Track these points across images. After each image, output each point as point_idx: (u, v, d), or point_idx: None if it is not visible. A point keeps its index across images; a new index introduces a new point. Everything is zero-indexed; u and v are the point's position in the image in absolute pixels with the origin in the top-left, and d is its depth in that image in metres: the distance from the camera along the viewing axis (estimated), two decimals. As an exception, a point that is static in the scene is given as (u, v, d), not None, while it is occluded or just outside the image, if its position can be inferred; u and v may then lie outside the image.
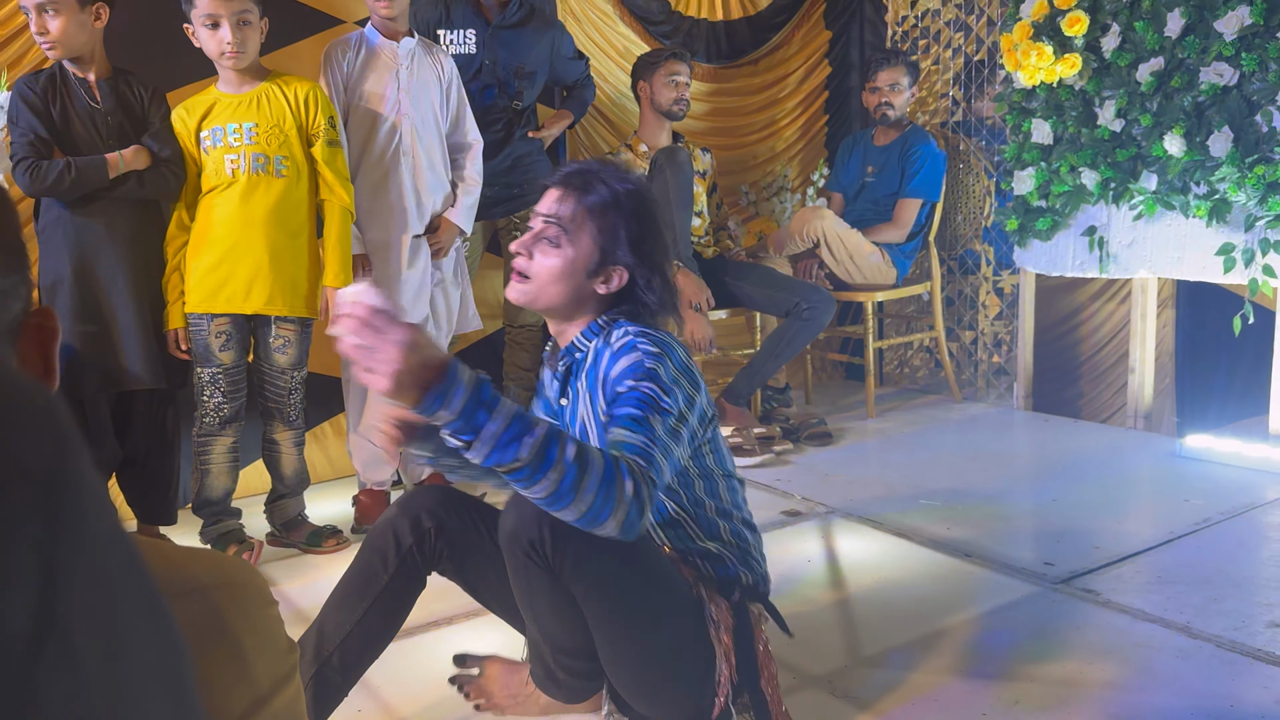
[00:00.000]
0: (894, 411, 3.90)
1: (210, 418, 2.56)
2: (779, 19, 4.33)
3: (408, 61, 2.74)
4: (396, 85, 2.72)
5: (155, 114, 2.55)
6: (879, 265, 3.76)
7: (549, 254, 1.51)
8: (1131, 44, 3.11)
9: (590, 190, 1.51)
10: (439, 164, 2.81)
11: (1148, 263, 3.23)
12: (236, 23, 2.44)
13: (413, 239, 2.77)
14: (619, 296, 1.55)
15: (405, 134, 2.72)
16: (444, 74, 2.82)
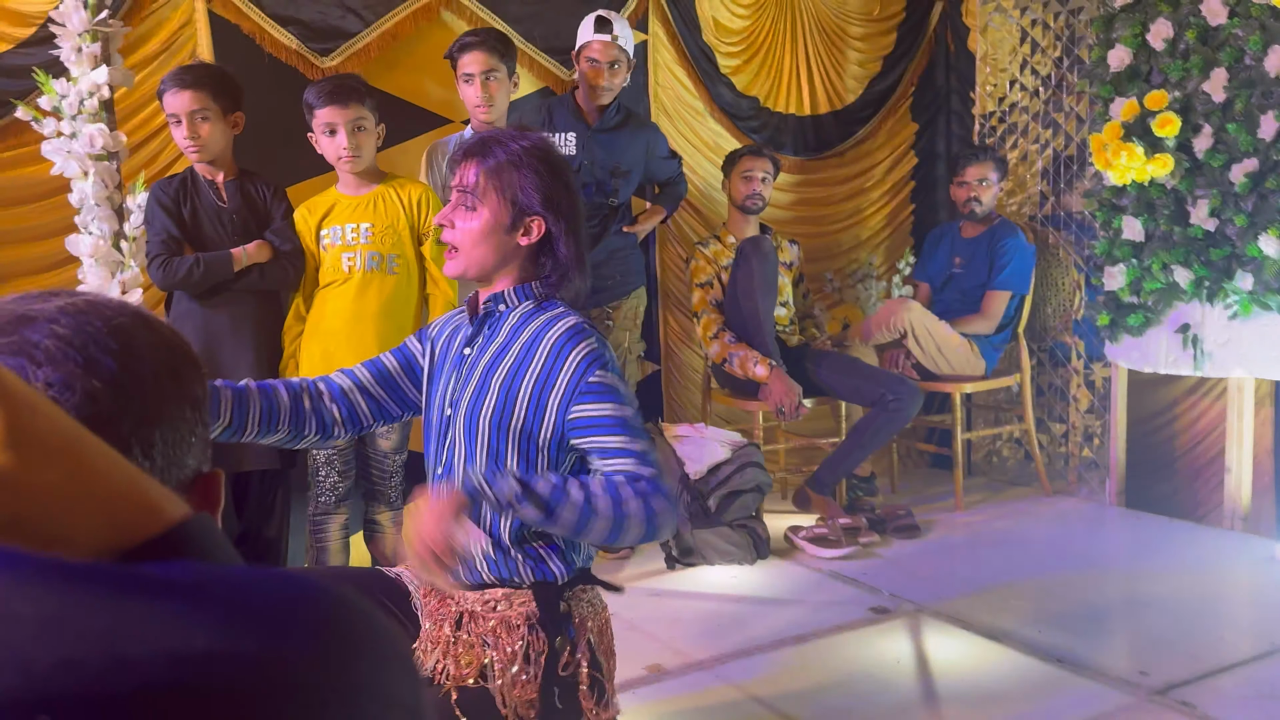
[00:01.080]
0: (982, 504, 3.87)
1: (326, 496, 2.70)
2: (865, 113, 4.44)
3: None
4: None
5: (277, 210, 2.75)
6: (967, 356, 3.78)
7: (468, 219, 1.59)
8: (1225, 145, 3.12)
9: (489, 154, 1.59)
10: None
11: (1244, 362, 3.18)
12: (352, 129, 2.63)
13: None
14: (541, 249, 1.62)
15: None
16: None
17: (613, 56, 3.17)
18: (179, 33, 3.04)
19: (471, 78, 2.87)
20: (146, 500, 0.41)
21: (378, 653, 0.36)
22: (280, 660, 0.33)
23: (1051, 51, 4.00)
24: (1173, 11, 3.23)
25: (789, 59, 4.24)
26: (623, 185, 3.30)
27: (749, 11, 4.11)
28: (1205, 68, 3.14)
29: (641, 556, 3.37)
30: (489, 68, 2.85)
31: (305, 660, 0.33)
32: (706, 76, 4.02)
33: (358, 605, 0.37)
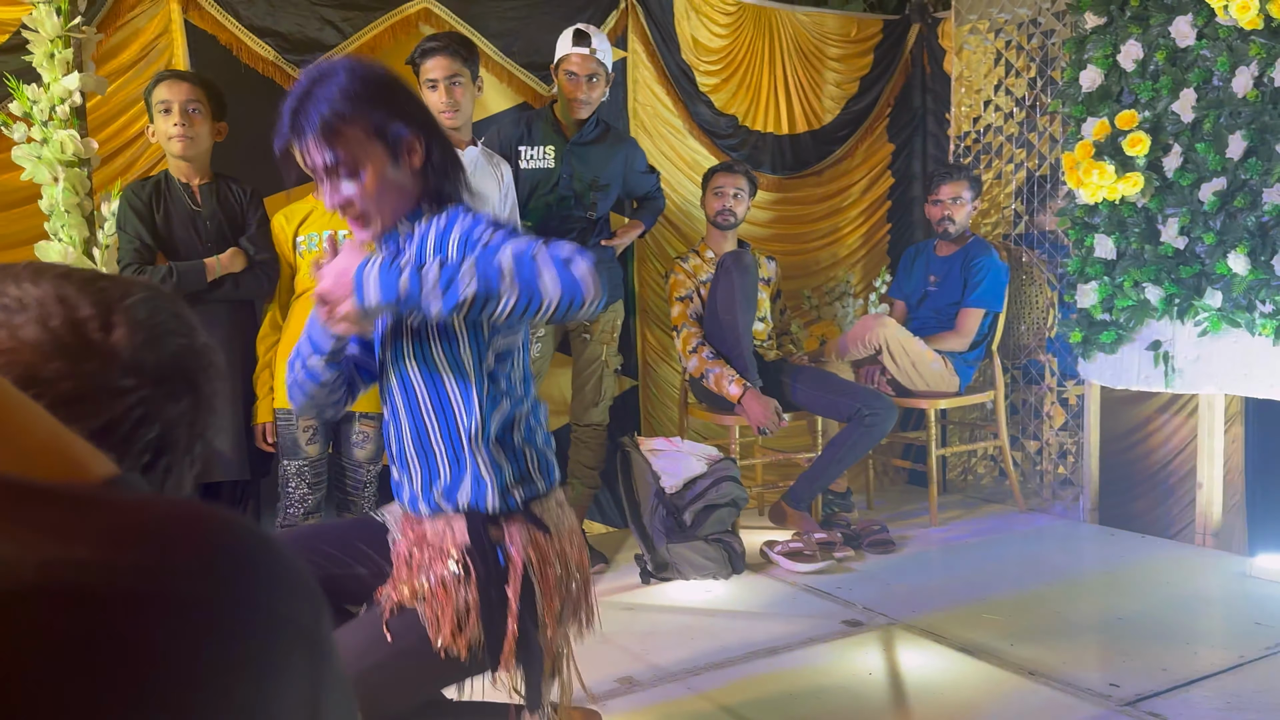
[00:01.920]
0: (957, 520, 3.88)
1: (295, 508, 2.68)
2: (843, 133, 4.48)
3: (470, 169, 2.90)
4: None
5: (252, 217, 2.74)
6: (941, 373, 3.80)
7: (358, 185, 1.53)
8: (1193, 164, 3.17)
9: (310, 119, 1.50)
10: None
11: (1214, 379, 3.22)
12: None
13: None
14: (428, 171, 1.60)
15: None
16: (502, 182, 3.00)
17: (591, 70, 3.19)
18: (155, 42, 3.03)
19: (435, 83, 2.86)
20: (70, 456, 0.41)
21: (267, 572, 0.36)
22: (158, 571, 0.33)
23: (1025, 73, 4.06)
24: (1142, 33, 3.28)
25: (767, 78, 4.28)
26: (601, 199, 3.31)
27: (727, 31, 4.14)
28: (1174, 88, 3.19)
29: (616, 571, 3.36)
30: (452, 72, 2.85)
31: (185, 572, 0.33)
32: (685, 94, 4.05)
33: (250, 528, 0.37)
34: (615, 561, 3.45)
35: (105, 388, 0.64)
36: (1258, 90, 2.98)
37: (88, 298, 0.65)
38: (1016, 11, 4.02)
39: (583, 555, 1.68)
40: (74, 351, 0.63)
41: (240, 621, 0.34)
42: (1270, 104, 2.97)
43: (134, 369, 0.64)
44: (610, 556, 3.48)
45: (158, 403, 0.65)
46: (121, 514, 0.34)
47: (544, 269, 1.40)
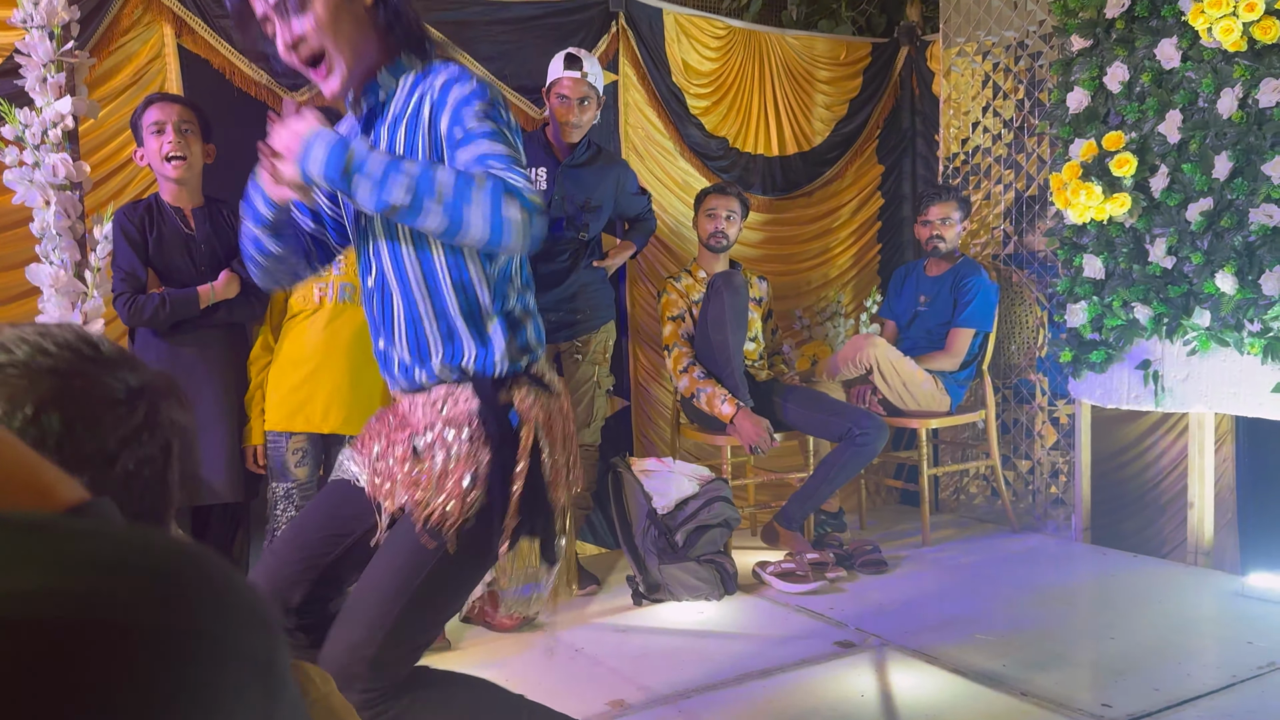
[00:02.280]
0: (950, 540, 3.87)
1: (283, 531, 2.67)
2: (833, 154, 4.51)
3: None
4: None
5: None
6: (932, 392, 3.81)
7: (306, 15, 1.49)
8: (1180, 185, 3.19)
9: None
10: None
11: (1204, 398, 3.23)
12: None
13: None
14: (388, 17, 1.55)
15: None
16: None
17: (582, 93, 3.21)
18: (148, 66, 3.05)
19: None
20: (38, 482, 0.41)
21: (222, 604, 0.36)
22: (109, 600, 0.33)
23: (1013, 95, 4.09)
24: (1128, 56, 3.32)
25: (757, 101, 4.31)
26: (593, 220, 3.33)
27: (718, 54, 4.18)
28: (1160, 110, 3.22)
29: (608, 592, 3.35)
30: None
31: (136, 602, 0.33)
32: (676, 117, 4.08)
33: (205, 558, 0.37)
34: (607, 583, 3.44)
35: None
36: (1242, 111, 3.01)
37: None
38: (1003, 35, 4.06)
39: (571, 410, 1.69)
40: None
41: (192, 653, 0.34)
42: (1255, 125, 3.00)
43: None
44: (602, 578, 3.47)
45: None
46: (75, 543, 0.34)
47: (477, 204, 1.38)
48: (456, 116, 1.49)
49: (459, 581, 1.59)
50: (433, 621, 1.62)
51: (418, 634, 1.57)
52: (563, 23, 3.73)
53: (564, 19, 3.74)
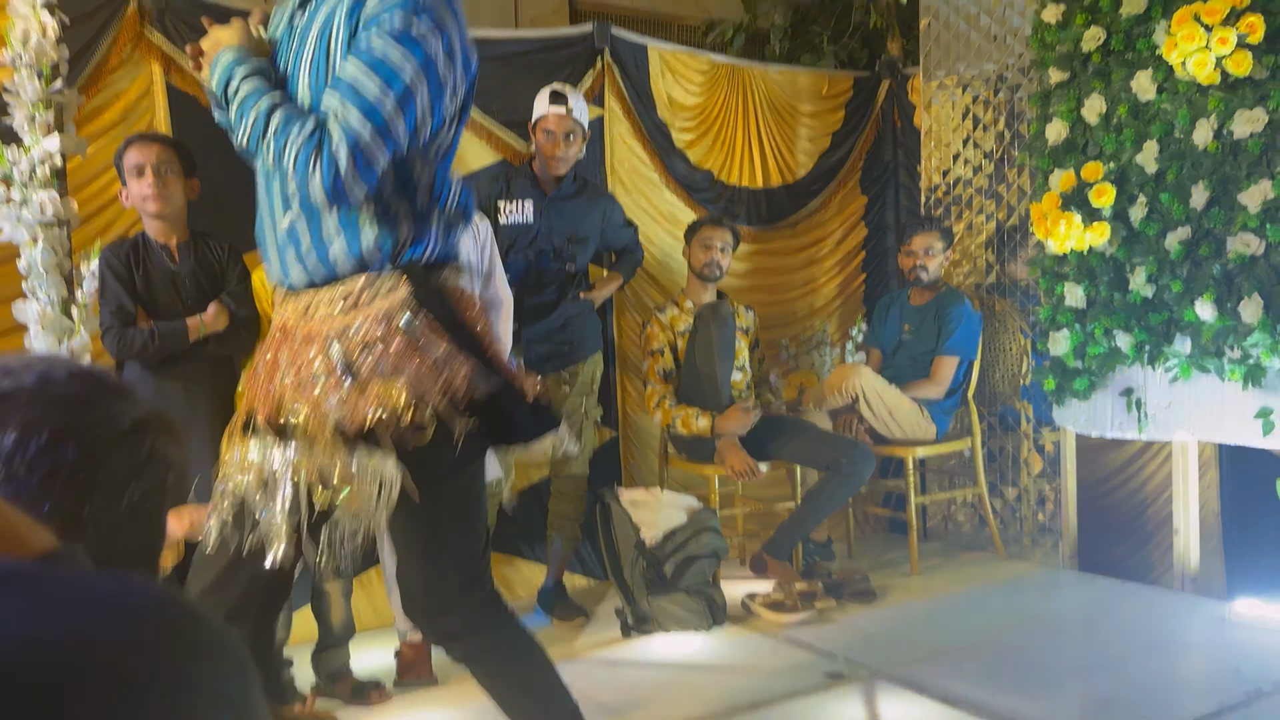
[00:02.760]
0: (938, 568, 3.88)
1: (271, 566, 2.65)
2: (816, 186, 4.56)
3: None
4: None
5: (233, 273, 2.75)
6: (918, 421, 3.83)
7: None
8: (1158, 214, 3.23)
9: None
10: None
11: (1186, 425, 3.26)
12: None
13: None
14: None
15: None
16: (479, 235, 3.03)
17: (567, 128, 3.25)
18: (137, 104, 3.07)
19: None
20: (9, 529, 0.42)
21: (201, 647, 0.37)
22: (90, 646, 0.34)
23: (993, 127, 4.15)
24: (1105, 88, 3.37)
25: (741, 134, 4.36)
26: (579, 252, 3.35)
27: (702, 89, 4.23)
28: (1137, 141, 3.27)
29: (596, 625, 3.34)
30: None
31: (117, 647, 0.34)
32: (662, 150, 4.12)
33: (178, 602, 0.38)
34: (595, 614, 3.43)
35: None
36: (1217, 142, 3.06)
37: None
38: (983, 68, 4.13)
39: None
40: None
41: (168, 694, 0.35)
42: (1230, 155, 3.05)
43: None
44: (591, 609, 3.46)
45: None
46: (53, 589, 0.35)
47: (290, 152, 1.47)
48: (367, 23, 1.51)
49: (469, 478, 1.62)
50: (477, 522, 1.68)
51: (474, 542, 1.66)
52: (549, 59, 3.78)
53: (551, 55, 3.78)
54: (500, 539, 3.51)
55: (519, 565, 3.70)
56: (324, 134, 1.46)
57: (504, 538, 3.57)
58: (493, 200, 3.30)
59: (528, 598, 3.60)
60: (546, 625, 3.36)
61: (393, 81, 1.47)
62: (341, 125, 1.46)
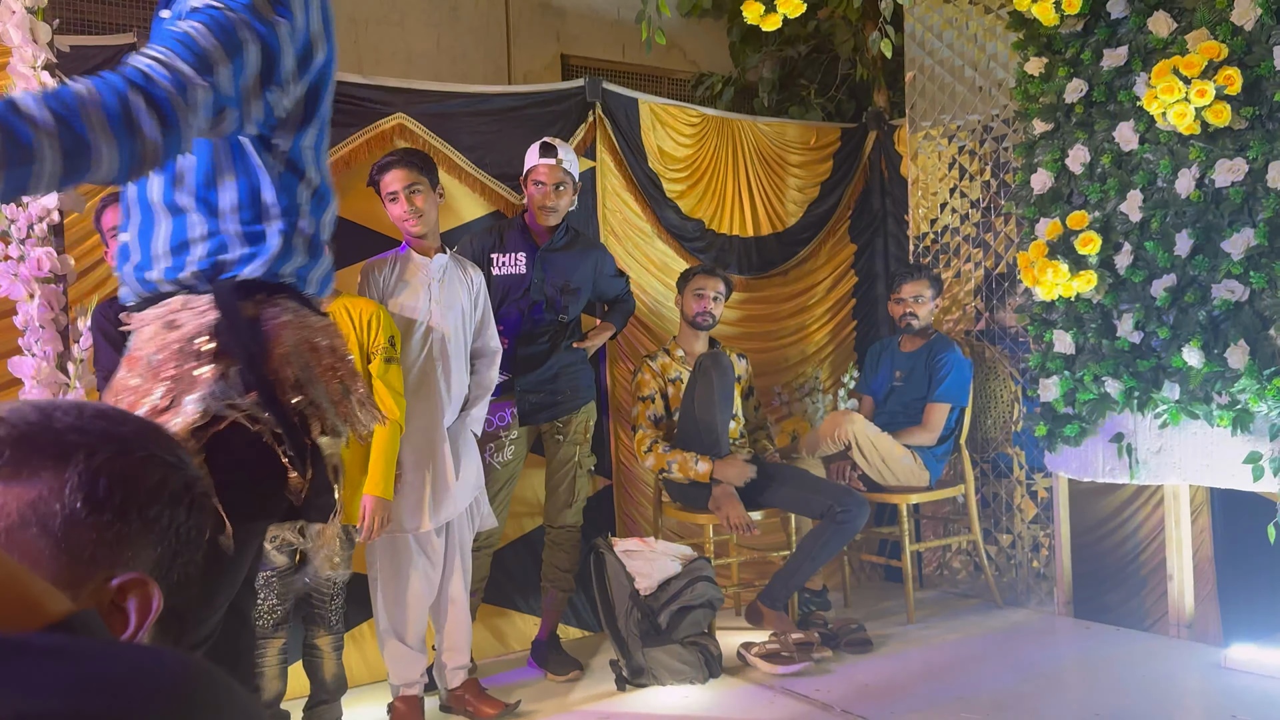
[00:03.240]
0: (934, 616, 3.86)
1: (263, 620, 2.63)
2: (806, 234, 4.61)
3: (439, 275, 2.97)
4: (429, 298, 2.94)
5: None
6: (911, 468, 3.84)
7: None
8: (1144, 262, 3.28)
9: None
10: (466, 370, 3.03)
11: (1177, 470, 3.27)
12: None
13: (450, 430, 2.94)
14: None
15: (436, 343, 2.93)
16: (472, 286, 3.06)
17: (558, 179, 3.29)
18: (134, 159, 3.09)
19: (396, 195, 2.93)
20: (27, 596, 0.43)
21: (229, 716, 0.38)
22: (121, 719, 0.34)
23: (980, 176, 4.21)
24: (1088, 138, 3.44)
25: (731, 184, 4.42)
26: (572, 302, 3.38)
27: (692, 141, 4.29)
28: (1121, 190, 3.33)
29: (591, 678, 3.31)
30: (410, 181, 2.92)
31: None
32: (653, 201, 4.17)
33: (210, 674, 0.39)
34: (590, 667, 3.40)
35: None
36: (1200, 191, 3.12)
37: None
38: (967, 119, 4.20)
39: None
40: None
41: None
42: (1212, 204, 3.10)
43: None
44: (585, 662, 3.43)
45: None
46: (88, 664, 0.36)
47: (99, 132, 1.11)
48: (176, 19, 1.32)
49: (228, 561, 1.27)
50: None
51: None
52: (541, 113, 3.84)
53: (543, 109, 3.84)
54: (494, 591, 3.50)
55: (512, 617, 3.68)
56: (131, 91, 1.18)
57: (497, 590, 3.55)
58: (486, 252, 3.33)
59: (522, 650, 3.57)
60: (540, 679, 3.33)
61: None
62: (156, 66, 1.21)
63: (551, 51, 4.70)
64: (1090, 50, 3.40)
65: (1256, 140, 2.96)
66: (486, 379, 3.07)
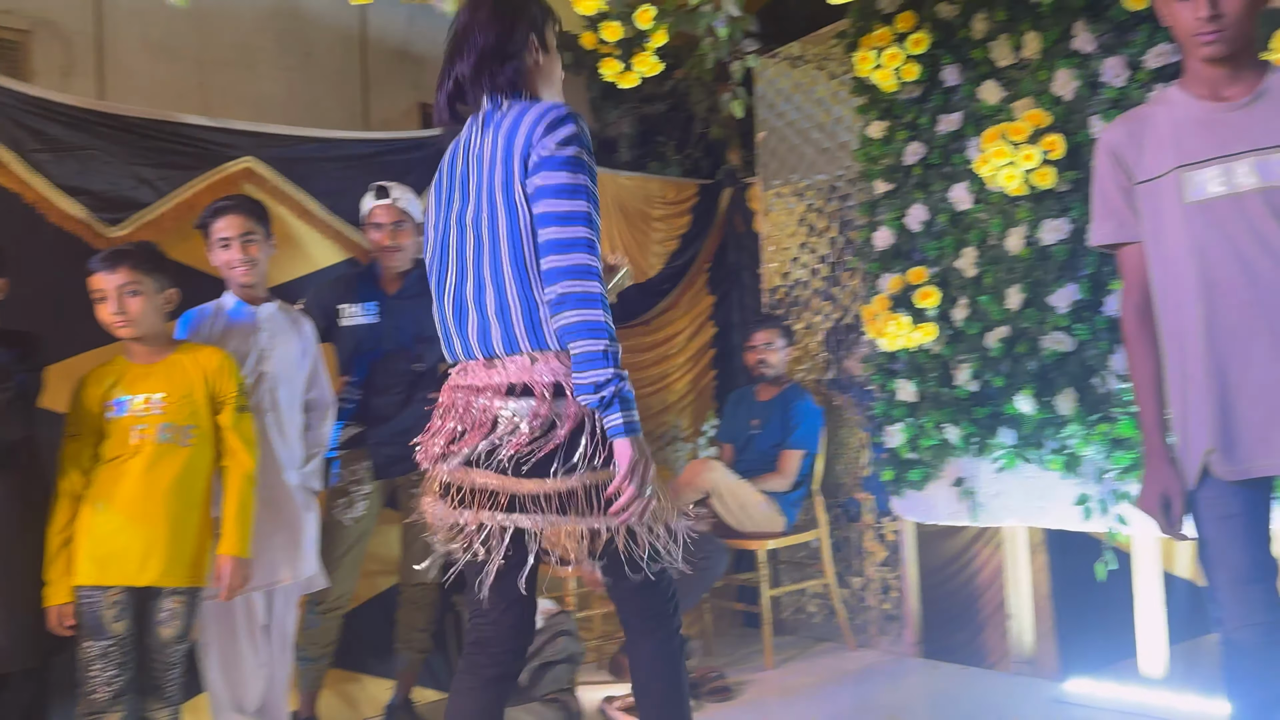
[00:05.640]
0: (791, 661, 3.92)
1: (100, 694, 2.43)
2: (666, 285, 4.69)
3: (268, 326, 2.88)
4: (256, 349, 2.84)
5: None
6: (768, 514, 3.91)
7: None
8: (979, 314, 3.47)
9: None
10: (298, 422, 2.93)
11: (1015, 512, 3.44)
12: (119, 294, 2.51)
13: (291, 487, 2.84)
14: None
15: (266, 395, 2.82)
16: (302, 336, 2.98)
17: (394, 217, 3.24)
18: (-50, 199, 2.89)
19: (229, 241, 2.84)
20: None
21: None
22: None
23: (827, 232, 4.39)
24: (926, 198, 3.63)
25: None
26: (427, 350, 3.31)
27: (552, 191, 4.31)
28: (957, 247, 3.52)
29: (449, 740, 3.19)
30: (247, 230, 2.84)
31: None
32: (513, 250, 4.15)
33: None
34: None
35: None
36: (1028, 248, 3.32)
37: None
38: (815, 178, 4.38)
39: None
40: None
41: None
42: (1040, 260, 3.31)
43: None
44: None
45: None
46: None
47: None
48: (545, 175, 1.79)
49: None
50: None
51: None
52: (398, 160, 3.78)
53: (399, 156, 3.79)
54: (344, 655, 3.34)
55: (364, 682, 3.52)
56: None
57: (348, 653, 3.39)
58: (333, 304, 3.25)
59: (374, 716, 3.42)
60: (395, 743, 3.20)
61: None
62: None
63: (410, 100, 4.66)
64: (927, 115, 3.61)
65: (1078, 202, 3.18)
66: (321, 433, 2.99)
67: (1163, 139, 1.98)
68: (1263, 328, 1.87)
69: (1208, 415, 1.90)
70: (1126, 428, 3.03)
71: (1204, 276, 1.92)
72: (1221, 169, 1.90)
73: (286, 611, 2.94)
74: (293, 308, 3.07)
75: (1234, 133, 1.91)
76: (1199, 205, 1.92)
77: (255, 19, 4.23)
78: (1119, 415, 3.08)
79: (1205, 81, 1.96)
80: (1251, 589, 1.88)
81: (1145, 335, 2.04)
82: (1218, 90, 1.94)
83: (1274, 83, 1.93)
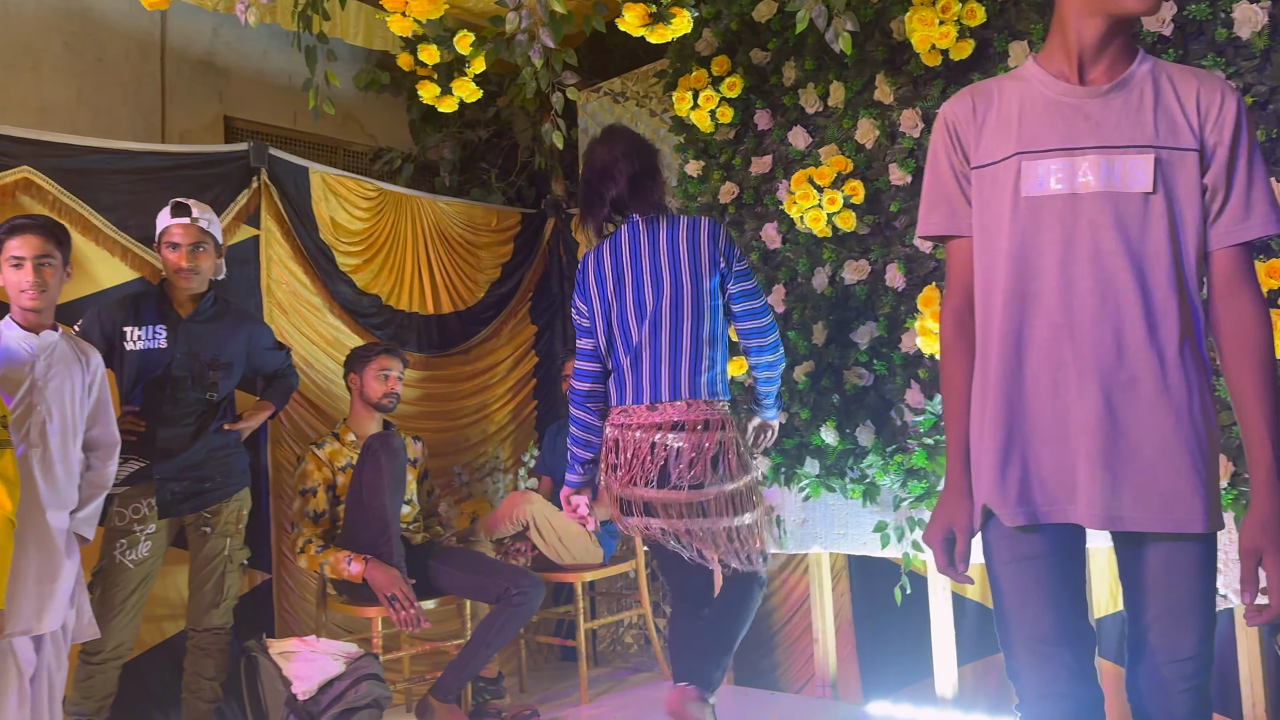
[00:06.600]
0: (608, 694, 3.90)
1: None
2: (488, 314, 4.63)
3: (45, 355, 2.66)
4: (30, 379, 2.61)
5: None
6: (586, 545, 3.89)
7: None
8: (787, 349, 3.58)
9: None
10: (73, 461, 2.69)
11: (819, 539, 3.56)
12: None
13: (53, 529, 2.60)
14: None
15: (34, 428, 2.59)
16: (87, 368, 2.75)
17: (194, 238, 3.06)
18: None
19: (21, 262, 2.62)
20: None
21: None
22: None
23: (648, 264, 4.44)
24: (739, 236, 3.73)
25: (411, 260, 4.35)
26: (222, 378, 3.12)
27: (368, 214, 4.19)
28: (768, 284, 3.63)
29: (239, 795, 2.99)
30: (45, 253, 2.64)
31: None
32: (325, 274, 4.00)
33: None
34: (239, 783, 3.08)
35: None
36: (832, 287, 3.47)
37: None
38: (638, 210, 4.43)
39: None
40: None
41: None
42: (842, 299, 3.46)
43: None
44: (233, 778, 3.10)
45: None
46: None
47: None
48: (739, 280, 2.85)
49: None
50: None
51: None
52: (198, 175, 3.58)
53: (199, 171, 3.59)
54: (124, 708, 3.08)
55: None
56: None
57: (129, 706, 3.13)
58: (118, 326, 3.02)
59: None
60: (177, 802, 2.97)
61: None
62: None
63: (213, 112, 4.42)
64: (741, 157, 3.72)
65: (877, 245, 3.35)
66: (104, 475, 2.76)
67: (1007, 119, 1.68)
68: (1068, 357, 1.59)
69: (995, 448, 1.63)
70: (920, 458, 3.18)
71: (1020, 285, 1.64)
72: (1065, 162, 1.62)
73: (56, 662, 2.68)
74: (80, 339, 2.83)
75: (1085, 123, 1.62)
76: (1033, 201, 1.63)
77: (40, 19, 3.92)
78: (914, 446, 3.23)
79: (1068, 55, 1.65)
80: (1055, 650, 1.55)
81: (961, 345, 1.74)
82: (1079, 69, 1.65)
83: (1138, 73, 1.64)
